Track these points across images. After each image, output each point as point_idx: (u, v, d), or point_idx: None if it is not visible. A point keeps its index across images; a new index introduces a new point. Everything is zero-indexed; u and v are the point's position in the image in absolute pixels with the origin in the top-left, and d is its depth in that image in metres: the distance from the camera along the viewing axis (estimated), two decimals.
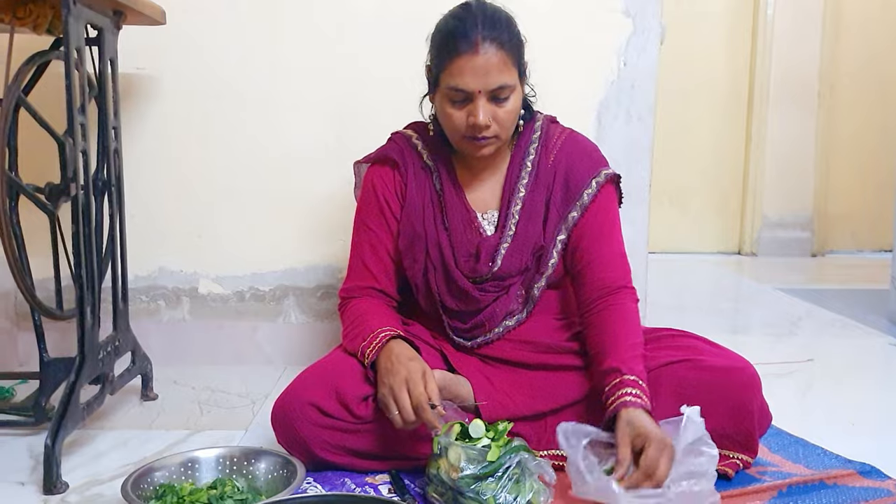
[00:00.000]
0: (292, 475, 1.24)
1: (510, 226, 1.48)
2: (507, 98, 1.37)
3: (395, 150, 1.53)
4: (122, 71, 1.72)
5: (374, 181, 1.54)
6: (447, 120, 1.41)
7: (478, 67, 1.33)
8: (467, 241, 1.48)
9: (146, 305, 2.10)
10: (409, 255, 1.51)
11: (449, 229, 1.49)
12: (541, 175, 1.49)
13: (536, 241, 1.47)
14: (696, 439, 1.22)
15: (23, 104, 1.45)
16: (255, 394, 1.86)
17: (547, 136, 1.52)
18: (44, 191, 1.51)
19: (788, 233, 4.49)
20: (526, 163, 1.50)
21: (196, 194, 2.07)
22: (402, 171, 1.52)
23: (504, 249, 1.47)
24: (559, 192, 1.48)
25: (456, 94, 1.36)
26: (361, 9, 2.02)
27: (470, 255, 1.48)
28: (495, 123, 1.37)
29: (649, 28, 2.04)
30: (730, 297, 3.47)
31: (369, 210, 1.53)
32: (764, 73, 4.40)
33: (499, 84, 1.34)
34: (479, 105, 1.35)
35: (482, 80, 1.33)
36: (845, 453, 1.49)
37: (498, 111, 1.37)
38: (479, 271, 1.47)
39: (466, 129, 1.38)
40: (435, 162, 1.52)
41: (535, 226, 1.48)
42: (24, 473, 1.41)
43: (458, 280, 1.47)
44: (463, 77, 1.34)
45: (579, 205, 1.47)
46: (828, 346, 2.45)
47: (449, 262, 1.48)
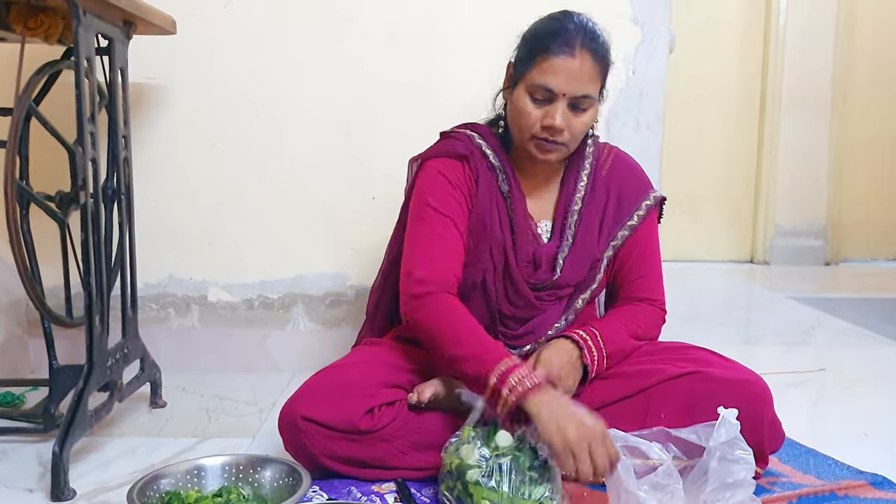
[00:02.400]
0: (298, 483, 1.24)
1: (568, 236, 1.50)
2: (586, 110, 1.39)
3: (461, 146, 1.50)
4: (133, 80, 1.73)
5: (443, 171, 1.47)
6: (522, 117, 1.40)
7: (571, 70, 1.35)
8: (526, 247, 1.49)
9: (156, 313, 2.10)
10: (473, 254, 1.48)
11: (515, 233, 1.48)
12: (596, 190, 1.52)
13: (592, 252, 1.50)
14: (730, 440, 1.21)
15: (34, 113, 1.46)
16: (264, 402, 1.86)
17: (599, 153, 1.55)
18: (54, 199, 1.52)
19: (801, 241, 4.46)
20: (582, 176, 1.52)
21: (205, 202, 2.08)
22: (473, 166, 1.48)
23: (563, 258, 1.48)
24: (612, 209, 1.52)
25: (541, 92, 1.37)
26: (371, 18, 2.03)
27: (528, 262, 1.49)
28: (568, 131, 1.38)
29: (658, 36, 2.04)
30: (742, 306, 3.45)
31: (443, 196, 1.45)
32: (776, 79, 4.38)
33: (584, 93, 1.37)
34: (559, 108, 1.36)
35: (571, 84, 1.35)
36: (857, 464, 1.47)
37: (573, 120, 1.38)
38: (538, 278, 1.48)
39: (540, 129, 1.38)
40: (500, 162, 1.50)
41: (591, 238, 1.51)
42: (33, 480, 1.42)
43: (519, 285, 1.48)
44: (555, 76, 1.35)
45: (629, 225, 1.52)
46: (841, 355, 2.42)
47: (512, 266, 1.48)
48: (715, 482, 1.19)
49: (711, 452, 1.21)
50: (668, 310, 1.58)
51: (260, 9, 2.02)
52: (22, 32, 1.44)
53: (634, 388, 1.41)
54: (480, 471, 1.20)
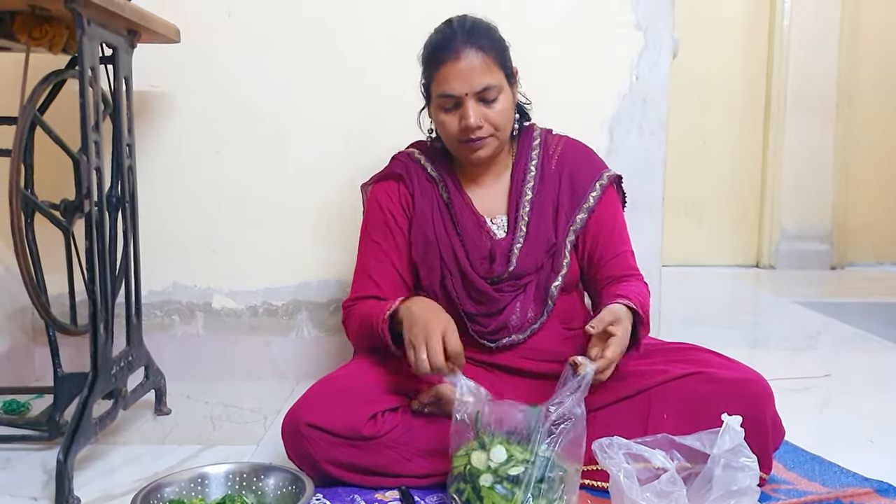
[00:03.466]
0: (301, 491, 1.24)
1: (521, 227, 1.52)
2: (496, 99, 1.43)
3: (399, 166, 1.59)
4: (137, 88, 1.74)
5: (378, 196, 1.58)
6: (442, 128, 1.47)
7: (461, 72, 1.40)
8: (480, 245, 1.52)
9: (160, 320, 2.11)
10: (424, 265, 1.53)
11: (461, 234, 1.52)
12: (546, 178, 1.54)
13: (549, 239, 1.52)
14: (734, 447, 1.20)
15: (38, 122, 1.47)
16: (268, 409, 1.86)
17: (546, 143, 1.58)
18: (59, 207, 1.53)
19: (807, 245, 4.44)
20: (530, 167, 1.55)
21: (209, 210, 2.08)
22: (408, 183, 1.56)
23: (518, 249, 1.50)
24: (566, 194, 1.54)
25: (446, 101, 1.43)
26: (374, 26, 2.04)
27: (484, 258, 1.51)
28: (487, 124, 1.43)
29: (661, 42, 2.04)
30: (747, 311, 3.44)
31: (374, 224, 1.57)
32: (781, 83, 4.37)
33: (483, 85, 1.41)
34: (469, 107, 1.41)
35: (467, 83, 1.40)
36: (863, 471, 1.46)
37: (488, 112, 1.43)
38: (494, 272, 1.50)
39: (460, 133, 1.44)
40: (439, 172, 1.57)
41: (546, 225, 1.52)
42: (38, 488, 1.42)
43: (476, 282, 1.50)
44: (449, 83, 1.41)
45: (586, 207, 1.53)
46: (846, 360, 2.41)
47: (465, 266, 1.51)
48: (719, 490, 1.19)
49: (716, 460, 1.21)
50: (672, 314, 1.58)
51: (263, 17, 2.03)
52: (27, 42, 1.45)
53: (635, 388, 1.40)
54: (494, 477, 1.19)
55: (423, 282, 1.54)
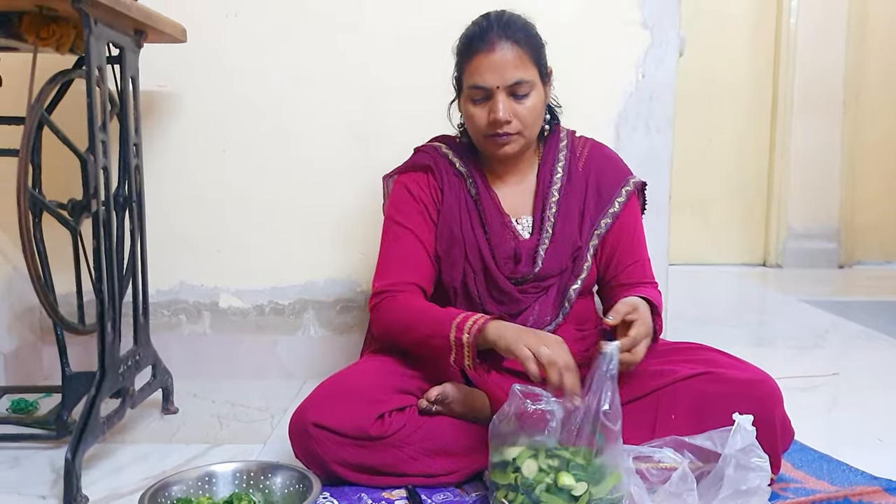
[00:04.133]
0: (308, 490, 1.24)
1: (547, 228, 1.51)
2: (527, 95, 1.42)
3: (427, 158, 1.56)
4: (144, 88, 1.74)
5: (408, 185, 1.54)
6: (471, 121, 1.46)
7: (494, 64, 1.39)
8: (505, 244, 1.51)
9: (167, 319, 2.12)
10: (447, 260, 1.52)
11: (488, 232, 1.51)
12: (573, 181, 1.54)
13: (574, 241, 1.51)
14: (745, 447, 1.20)
15: (46, 122, 1.47)
16: (275, 408, 1.87)
17: (573, 145, 1.58)
18: (66, 207, 1.53)
19: (814, 244, 4.43)
20: (557, 168, 1.54)
21: (216, 209, 2.09)
22: (437, 176, 1.54)
23: (543, 251, 1.50)
24: (592, 198, 1.54)
25: (476, 93, 1.42)
26: (378, 23, 2.04)
27: (509, 258, 1.51)
28: (516, 120, 1.42)
29: (667, 40, 2.04)
30: (754, 310, 3.43)
31: (405, 211, 1.52)
32: (788, 80, 4.35)
33: (516, 79, 1.40)
34: (499, 100, 1.40)
35: (499, 75, 1.39)
36: (871, 469, 1.46)
37: (518, 108, 1.42)
38: (519, 272, 1.50)
39: (488, 127, 1.43)
40: (467, 168, 1.55)
41: (572, 228, 1.52)
42: (46, 487, 1.43)
43: (500, 282, 1.49)
44: (481, 74, 1.40)
45: (611, 212, 1.53)
46: (854, 359, 2.40)
47: (490, 265, 1.50)
48: (729, 489, 1.18)
49: (727, 460, 1.20)
50: (679, 313, 1.58)
51: (268, 17, 2.03)
52: (34, 42, 1.45)
53: (644, 390, 1.40)
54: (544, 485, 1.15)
55: (444, 277, 1.52)
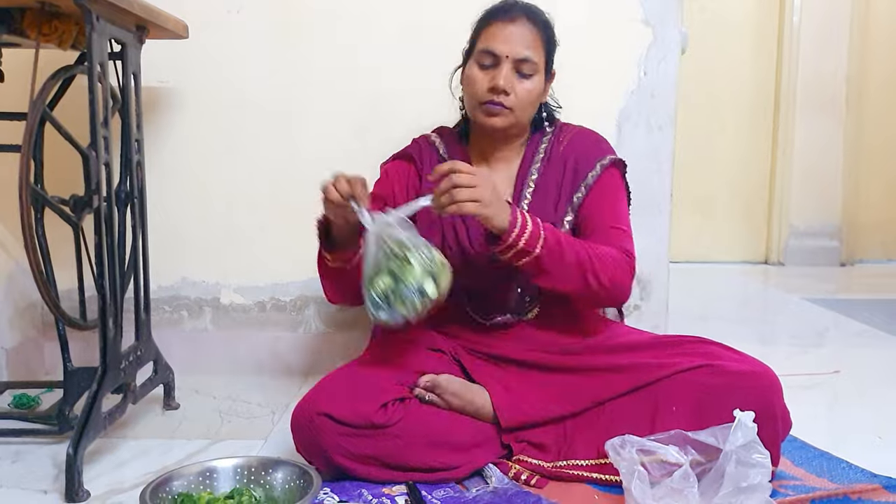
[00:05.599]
0: (309, 485, 1.24)
1: (523, 205, 1.54)
2: (530, 76, 1.48)
3: (413, 148, 1.64)
4: (145, 84, 1.74)
5: (388, 170, 1.64)
6: (471, 84, 1.50)
7: (510, 34, 1.46)
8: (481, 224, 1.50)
9: (169, 315, 2.12)
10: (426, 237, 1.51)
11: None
12: (552, 161, 1.57)
13: (549, 219, 1.50)
14: (746, 443, 1.20)
15: (48, 118, 1.47)
16: (275, 403, 1.87)
17: (560, 131, 1.62)
18: (68, 203, 1.53)
19: (816, 242, 4.42)
20: (539, 151, 1.58)
21: (218, 205, 2.09)
22: (419, 165, 1.60)
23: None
24: (569, 176, 1.56)
25: (485, 57, 1.48)
26: (384, 22, 2.04)
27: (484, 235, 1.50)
28: (514, 94, 1.47)
29: (669, 37, 2.03)
30: (756, 307, 3.43)
31: (379, 185, 1.62)
32: (790, 79, 4.35)
33: (525, 55, 1.46)
34: (503, 69, 1.46)
35: (511, 46, 1.46)
36: (871, 467, 1.46)
37: (518, 85, 1.47)
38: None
39: (485, 93, 1.47)
40: (451, 154, 1.61)
41: (548, 206, 1.54)
42: (48, 482, 1.43)
43: (475, 258, 1.52)
44: (496, 40, 1.47)
45: (584, 185, 1.54)
46: (855, 357, 2.40)
47: (464, 242, 1.53)
48: (729, 486, 1.18)
49: (728, 456, 1.20)
50: (681, 310, 1.57)
51: (270, 13, 2.03)
52: (36, 38, 1.46)
53: (643, 380, 1.40)
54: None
55: None
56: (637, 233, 1.58)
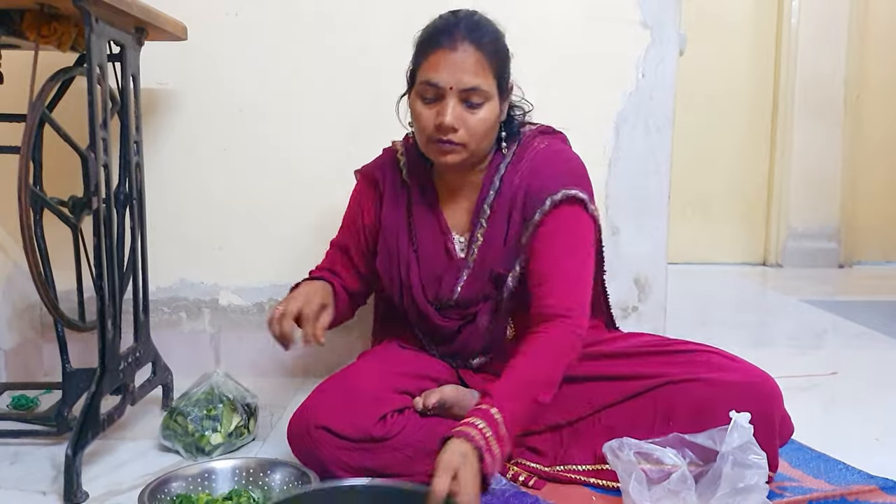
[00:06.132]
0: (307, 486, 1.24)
1: (473, 250, 1.43)
2: (480, 105, 1.32)
3: (378, 167, 1.54)
4: (144, 86, 1.75)
5: (359, 192, 1.58)
6: (417, 120, 1.36)
7: (453, 63, 1.29)
8: (435, 265, 1.45)
9: (168, 317, 2.12)
10: (387, 276, 1.50)
11: (417, 251, 1.46)
12: (504, 193, 1.41)
13: (493, 267, 1.41)
14: (742, 444, 1.21)
15: (47, 119, 1.48)
16: (274, 405, 1.87)
17: (521, 152, 1.43)
18: (67, 204, 1.54)
19: (815, 243, 4.43)
20: (494, 181, 1.42)
21: (217, 207, 2.09)
22: (381, 190, 1.52)
23: (465, 276, 1.43)
24: (518, 213, 1.40)
25: (428, 90, 1.32)
26: (382, 24, 2.04)
27: (435, 279, 1.45)
28: (464, 130, 1.32)
29: (667, 39, 2.04)
30: (754, 309, 3.43)
31: (348, 217, 1.59)
32: (789, 81, 4.35)
33: (472, 85, 1.30)
34: (449, 105, 1.30)
35: (455, 76, 1.30)
36: (868, 469, 1.46)
37: (468, 117, 1.32)
38: (441, 297, 1.45)
39: (433, 130, 1.33)
40: (410, 179, 1.49)
41: (495, 252, 1.41)
42: (46, 483, 1.43)
43: (420, 304, 1.46)
44: (437, 71, 1.30)
45: (530, 224, 1.38)
46: (853, 358, 2.40)
47: (415, 285, 1.45)
48: (726, 487, 1.19)
49: (724, 457, 1.21)
50: (678, 313, 1.55)
51: (268, 15, 2.04)
52: (35, 40, 1.46)
53: (642, 387, 1.39)
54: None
55: (386, 291, 1.52)
56: (635, 234, 1.58)
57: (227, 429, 1.57)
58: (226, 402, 1.59)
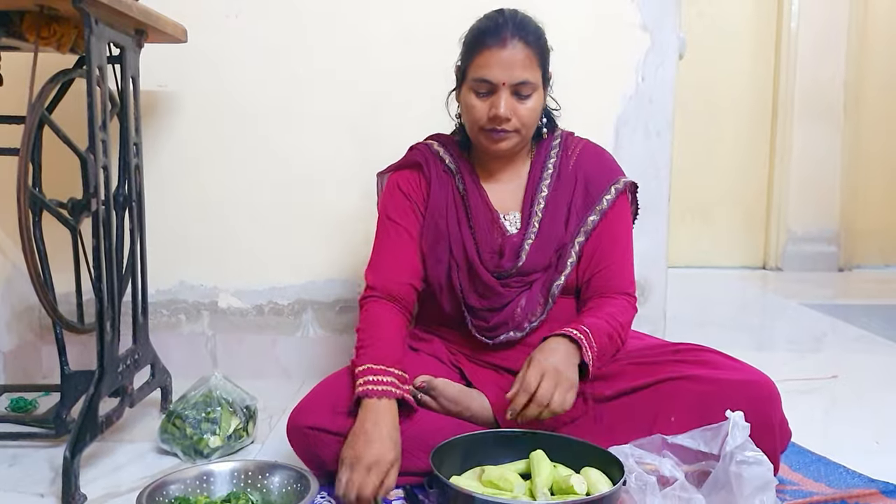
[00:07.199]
0: (306, 489, 1.24)
1: (534, 223, 1.52)
2: (529, 96, 1.44)
3: (418, 155, 1.59)
4: (144, 88, 1.74)
5: (398, 182, 1.58)
6: (470, 112, 1.47)
7: (504, 60, 1.40)
8: (491, 240, 1.52)
9: (167, 319, 2.12)
10: (433, 256, 1.53)
11: (473, 228, 1.53)
12: (563, 178, 1.54)
13: (560, 237, 1.51)
14: (745, 443, 1.20)
15: (46, 121, 1.48)
16: (273, 408, 1.87)
17: (566, 144, 1.59)
18: (66, 206, 1.53)
19: (814, 247, 4.43)
20: (548, 165, 1.55)
21: (216, 209, 2.09)
22: (426, 173, 1.57)
23: (528, 245, 1.50)
24: (580, 196, 1.54)
25: (481, 86, 1.43)
26: (383, 27, 2.04)
27: (494, 253, 1.52)
28: (515, 118, 1.43)
29: (667, 43, 2.04)
30: (754, 313, 3.43)
31: (396, 206, 1.56)
32: (788, 85, 4.36)
33: (522, 79, 1.41)
34: (502, 97, 1.41)
35: (507, 72, 1.41)
36: (869, 472, 1.46)
37: (519, 107, 1.43)
38: (503, 267, 1.51)
39: (487, 121, 1.44)
40: (457, 164, 1.57)
41: (558, 224, 1.52)
42: (44, 485, 1.43)
43: (483, 276, 1.50)
44: (490, 68, 1.41)
45: (598, 209, 1.53)
46: (853, 362, 2.40)
47: (473, 259, 1.51)
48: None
49: (728, 458, 1.20)
50: (679, 316, 1.57)
51: (268, 17, 2.04)
52: (35, 41, 1.46)
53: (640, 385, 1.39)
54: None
55: (430, 272, 1.54)
56: (636, 238, 1.59)
57: (226, 431, 1.56)
58: (224, 405, 1.59)
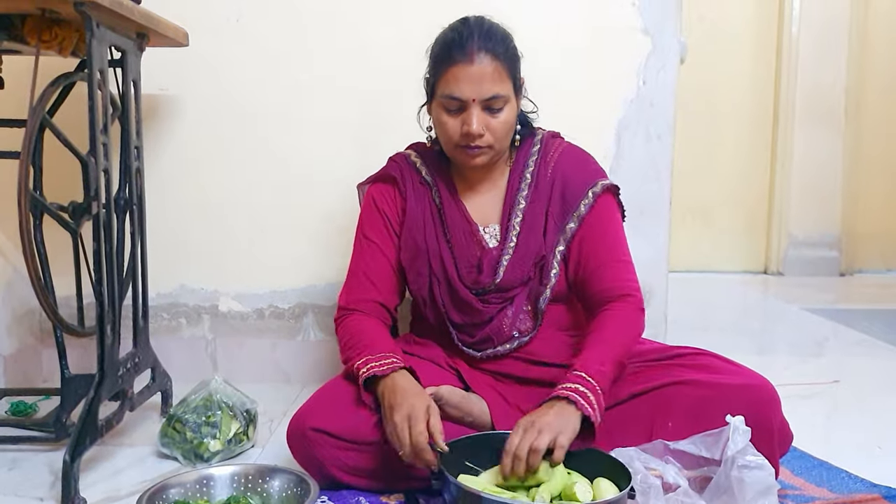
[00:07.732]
0: (306, 494, 1.24)
1: (511, 237, 1.49)
2: (501, 109, 1.40)
3: (394, 168, 1.57)
4: (145, 91, 1.75)
5: (374, 196, 1.57)
6: (442, 129, 1.44)
7: (472, 76, 1.36)
8: (469, 254, 1.50)
9: (167, 323, 2.12)
10: (412, 270, 1.52)
11: (451, 242, 1.51)
12: (540, 186, 1.50)
13: (537, 251, 1.48)
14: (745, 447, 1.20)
15: (48, 125, 1.47)
16: (273, 411, 1.86)
17: (545, 149, 1.54)
18: (67, 209, 1.53)
19: (816, 252, 4.42)
20: (525, 175, 1.51)
21: (217, 212, 2.09)
22: (402, 187, 1.55)
23: (506, 261, 1.48)
24: (557, 203, 1.50)
25: (451, 103, 1.40)
26: (382, 29, 2.04)
27: (472, 267, 1.50)
28: (489, 133, 1.40)
29: (668, 46, 2.04)
30: (755, 317, 3.42)
31: (371, 223, 1.55)
32: (789, 89, 4.36)
33: (492, 94, 1.38)
34: (473, 113, 1.38)
35: (476, 88, 1.37)
36: (870, 477, 1.45)
37: (491, 121, 1.40)
38: (481, 283, 1.48)
39: (460, 138, 1.41)
40: (433, 177, 1.55)
41: (536, 237, 1.49)
42: (44, 489, 1.43)
43: (461, 291, 1.48)
44: (458, 85, 1.37)
45: (576, 216, 1.48)
46: (854, 366, 2.40)
47: (451, 275, 1.49)
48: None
49: (730, 463, 1.19)
50: (680, 320, 1.56)
51: (269, 21, 2.04)
52: (36, 45, 1.46)
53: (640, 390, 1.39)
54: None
55: (411, 286, 1.53)
56: (636, 241, 1.59)
57: (226, 435, 1.56)
58: (224, 409, 1.59)
